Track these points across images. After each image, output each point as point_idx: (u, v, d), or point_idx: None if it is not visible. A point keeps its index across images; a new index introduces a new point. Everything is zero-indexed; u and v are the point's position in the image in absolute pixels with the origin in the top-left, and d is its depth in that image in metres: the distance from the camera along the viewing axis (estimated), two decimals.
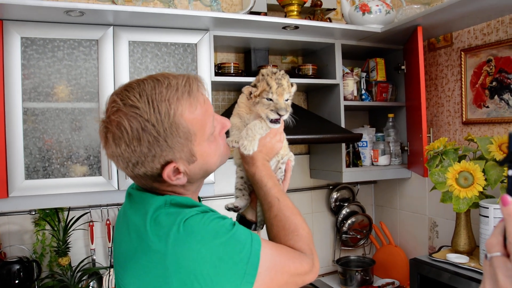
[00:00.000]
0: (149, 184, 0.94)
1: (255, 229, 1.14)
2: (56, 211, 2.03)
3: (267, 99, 1.04)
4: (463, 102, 2.21)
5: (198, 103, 0.89)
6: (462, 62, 2.20)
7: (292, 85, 1.09)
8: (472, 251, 1.88)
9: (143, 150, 0.85)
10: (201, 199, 1.12)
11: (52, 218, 2.00)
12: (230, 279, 0.84)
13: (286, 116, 1.06)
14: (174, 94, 0.86)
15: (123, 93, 0.87)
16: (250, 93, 1.07)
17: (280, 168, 1.16)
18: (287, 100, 1.06)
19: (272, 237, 1.02)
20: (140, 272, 0.87)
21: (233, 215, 1.11)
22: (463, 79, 2.20)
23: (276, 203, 1.02)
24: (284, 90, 1.04)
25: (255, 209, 1.15)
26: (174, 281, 0.82)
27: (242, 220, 1.20)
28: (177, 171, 0.91)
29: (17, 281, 1.87)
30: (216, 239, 0.84)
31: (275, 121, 1.06)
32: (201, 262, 0.82)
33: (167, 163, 0.88)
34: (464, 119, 2.21)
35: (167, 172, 0.89)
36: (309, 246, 1.00)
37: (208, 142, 0.93)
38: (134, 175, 0.92)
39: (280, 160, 1.15)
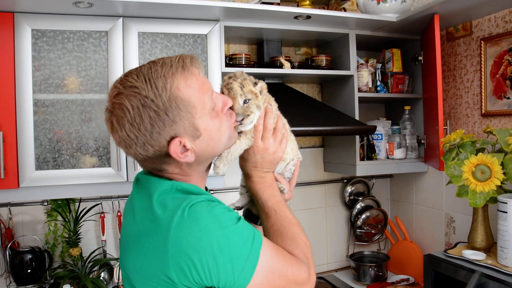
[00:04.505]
0: (159, 167, 0.95)
1: (260, 224, 1.12)
2: (68, 202, 2.04)
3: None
4: (483, 93, 2.13)
5: (193, 75, 0.91)
6: (482, 52, 2.11)
7: (256, 83, 1.04)
8: (490, 248, 1.81)
9: (146, 127, 0.87)
10: (208, 190, 1.11)
11: (63, 209, 2.02)
12: (227, 271, 0.83)
13: (247, 120, 1.01)
14: (168, 70, 0.89)
15: (122, 79, 0.91)
16: None
17: (290, 169, 1.16)
18: (246, 101, 1.01)
19: None
20: (141, 253, 0.87)
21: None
22: (482, 70, 2.12)
23: (273, 214, 1.02)
24: (236, 94, 1.00)
25: None
26: (172, 265, 0.82)
27: (249, 214, 1.20)
28: (184, 148, 0.91)
29: (29, 270, 1.90)
30: (219, 229, 0.84)
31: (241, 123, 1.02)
32: (200, 250, 0.81)
33: (172, 138, 0.89)
34: (483, 111, 2.13)
35: (173, 149, 0.89)
36: (305, 255, 0.98)
37: (210, 117, 0.93)
38: (143, 158, 0.93)
39: (289, 162, 1.14)
